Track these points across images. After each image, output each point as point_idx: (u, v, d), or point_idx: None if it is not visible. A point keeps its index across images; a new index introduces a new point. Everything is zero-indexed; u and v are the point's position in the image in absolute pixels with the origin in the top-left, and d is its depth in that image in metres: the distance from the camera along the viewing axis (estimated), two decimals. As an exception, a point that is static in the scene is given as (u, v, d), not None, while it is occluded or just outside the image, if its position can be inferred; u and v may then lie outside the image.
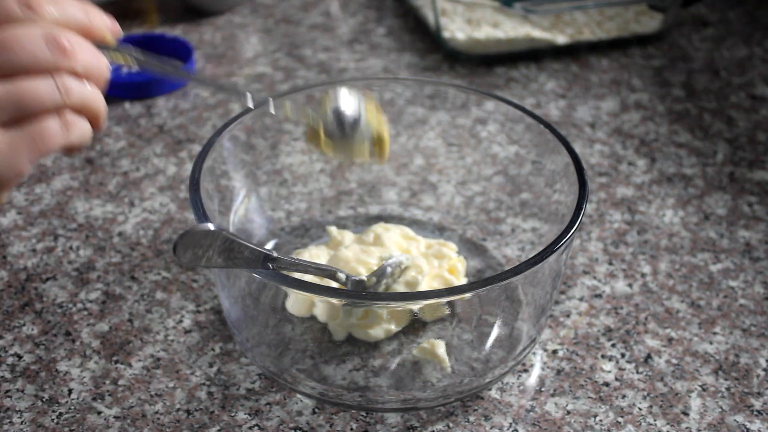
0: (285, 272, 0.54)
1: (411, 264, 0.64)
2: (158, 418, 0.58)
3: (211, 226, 0.49)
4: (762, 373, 0.63)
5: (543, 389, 0.61)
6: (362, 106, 0.61)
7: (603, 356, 0.64)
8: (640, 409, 0.60)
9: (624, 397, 0.61)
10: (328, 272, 0.59)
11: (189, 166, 0.80)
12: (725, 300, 0.69)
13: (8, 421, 0.58)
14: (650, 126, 0.88)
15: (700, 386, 0.62)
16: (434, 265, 0.66)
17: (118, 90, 0.89)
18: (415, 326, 0.64)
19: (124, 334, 0.64)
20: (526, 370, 0.62)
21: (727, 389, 0.61)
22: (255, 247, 0.52)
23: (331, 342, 0.63)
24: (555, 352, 0.64)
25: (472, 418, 0.59)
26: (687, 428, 0.59)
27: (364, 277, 0.62)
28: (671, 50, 1.01)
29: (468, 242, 0.73)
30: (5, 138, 0.44)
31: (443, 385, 0.60)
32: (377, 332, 0.62)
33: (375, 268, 0.63)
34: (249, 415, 0.59)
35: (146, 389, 0.60)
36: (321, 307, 0.63)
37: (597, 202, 0.78)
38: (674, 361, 0.63)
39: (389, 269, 0.63)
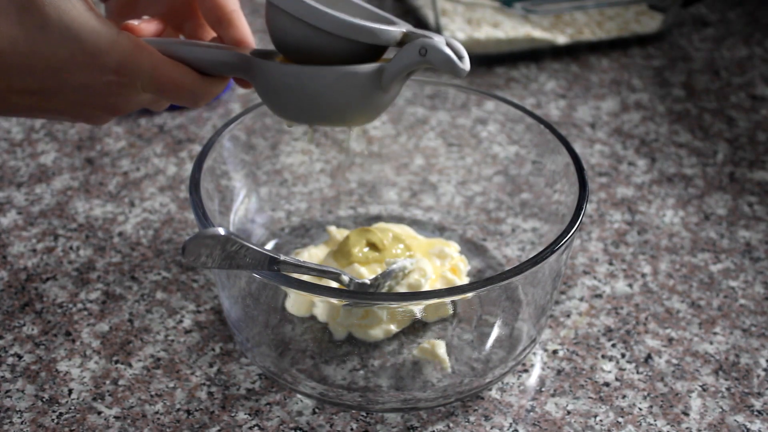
0: (291, 274, 0.54)
1: (415, 268, 0.64)
2: (158, 418, 0.58)
3: (221, 231, 0.50)
4: (762, 374, 0.63)
5: (543, 389, 0.61)
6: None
7: (603, 356, 0.64)
8: (640, 409, 0.60)
9: (624, 397, 0.61)
10: (333, 275, 0.59)
11: (189, 166, 0.80)
12: (725, 300, 0.68)
13: (8, 421, 0.58)
14: (650, 126, 0.88)
15: (701, 386, 0.62)
16: (436, 264, 0.66)
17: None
18: (415, 326, 0.64)
19: (124, 334, 0.64)
20: (526, 370, 0.62)
21: (728, 389, 0.61)
22: (262, 250, 0.53)
23: (331, 342, 0.63)
24: (555, 352, 0.64)
25: (472, 418, 0.59)
26: (687, 428, 0.59)
27: (367, 281, 0.62)
28: (671, 50, 1.01)
29: (468, 242, 0.73)
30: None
31: (443, 385, 0.60)
32: (377, 332, 0.62)
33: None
34: (249, 415, 0.59)
35: (146, 389, 0.60)
36: (321, 307, 0.63)
37: (597, 202, 0.78)
38: (674, 361, 0.63)
39: (393, 273, 0.62)
